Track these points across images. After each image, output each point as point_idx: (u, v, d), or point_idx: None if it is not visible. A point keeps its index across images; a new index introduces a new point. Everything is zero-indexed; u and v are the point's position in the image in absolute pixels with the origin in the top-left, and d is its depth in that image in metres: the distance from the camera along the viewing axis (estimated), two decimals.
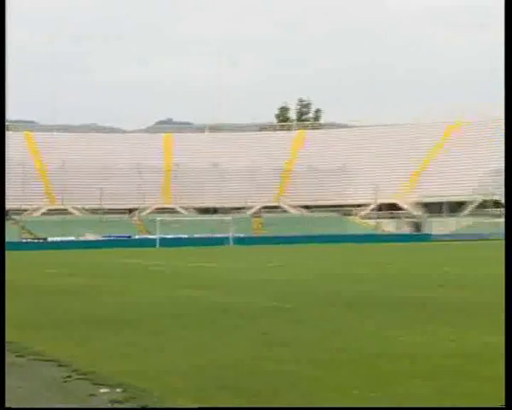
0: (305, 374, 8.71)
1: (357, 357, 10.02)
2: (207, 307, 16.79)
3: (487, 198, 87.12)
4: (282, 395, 7.69)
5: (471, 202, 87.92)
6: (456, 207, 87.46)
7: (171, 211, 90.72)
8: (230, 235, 70.87)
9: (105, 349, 10.91)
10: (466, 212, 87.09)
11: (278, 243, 68.10)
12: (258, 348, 10.86)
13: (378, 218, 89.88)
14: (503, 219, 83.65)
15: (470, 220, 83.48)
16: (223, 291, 21.01)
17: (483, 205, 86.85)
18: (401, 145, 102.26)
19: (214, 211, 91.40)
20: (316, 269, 32.06)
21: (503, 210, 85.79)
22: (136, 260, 41.78)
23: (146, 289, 22.29)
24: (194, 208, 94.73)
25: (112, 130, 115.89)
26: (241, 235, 72.41)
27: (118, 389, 7.86)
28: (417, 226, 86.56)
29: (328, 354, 10.24)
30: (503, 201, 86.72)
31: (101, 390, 7.85)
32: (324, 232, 74.45)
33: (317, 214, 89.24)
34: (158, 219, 73.47)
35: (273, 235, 75.43)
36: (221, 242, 69.08)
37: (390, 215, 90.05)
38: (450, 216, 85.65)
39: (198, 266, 35.42)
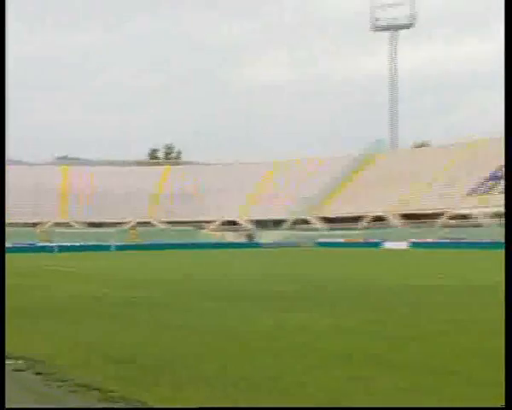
0: None
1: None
2: (89, 297, 16.68)
3: (298, 217, 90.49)
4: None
5: (287, 220, 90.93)
6: (277, 223, 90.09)
7: (67, 225, 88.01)
8: (112, 243, 69.86)
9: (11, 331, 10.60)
10: (284, 227, 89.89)
11: (148, 249, 67.98)
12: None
13: (222, 230, 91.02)
14: (308, 232, 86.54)
15: (287, 233, 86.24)
16: (98, 284, 20.96)
17: (295, 222, 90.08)
18: (239, 178, 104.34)
19: (100, 225, 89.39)
20: (168, 269, 32.40)
21: (308, 226, 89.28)
22: (38, 262, 40.45)
23: (42, 282, 22.09)
24: (85, 222, 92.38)
25: (20, 162, 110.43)
26: (121, 243, 71.44)
27: (20, 361, 7.70)
28: (250, 237, 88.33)
29: None
30: (308, 219, 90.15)
31: (7, 362, 7.51)
32: (182, 241, 74.72)
33: (177, 227, 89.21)
34: (56, 230, 71.22)
35: (145, 243, 74.84)
36: (105, 248, 68.09)
37: (231, 229, 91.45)
38: (274, 230, 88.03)
39: (86, 266, 34.87)
